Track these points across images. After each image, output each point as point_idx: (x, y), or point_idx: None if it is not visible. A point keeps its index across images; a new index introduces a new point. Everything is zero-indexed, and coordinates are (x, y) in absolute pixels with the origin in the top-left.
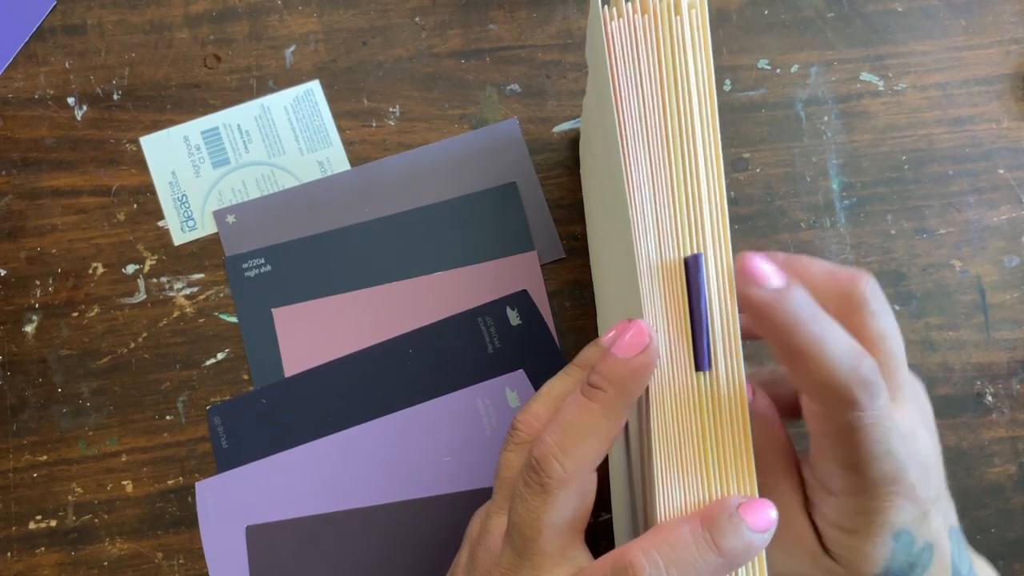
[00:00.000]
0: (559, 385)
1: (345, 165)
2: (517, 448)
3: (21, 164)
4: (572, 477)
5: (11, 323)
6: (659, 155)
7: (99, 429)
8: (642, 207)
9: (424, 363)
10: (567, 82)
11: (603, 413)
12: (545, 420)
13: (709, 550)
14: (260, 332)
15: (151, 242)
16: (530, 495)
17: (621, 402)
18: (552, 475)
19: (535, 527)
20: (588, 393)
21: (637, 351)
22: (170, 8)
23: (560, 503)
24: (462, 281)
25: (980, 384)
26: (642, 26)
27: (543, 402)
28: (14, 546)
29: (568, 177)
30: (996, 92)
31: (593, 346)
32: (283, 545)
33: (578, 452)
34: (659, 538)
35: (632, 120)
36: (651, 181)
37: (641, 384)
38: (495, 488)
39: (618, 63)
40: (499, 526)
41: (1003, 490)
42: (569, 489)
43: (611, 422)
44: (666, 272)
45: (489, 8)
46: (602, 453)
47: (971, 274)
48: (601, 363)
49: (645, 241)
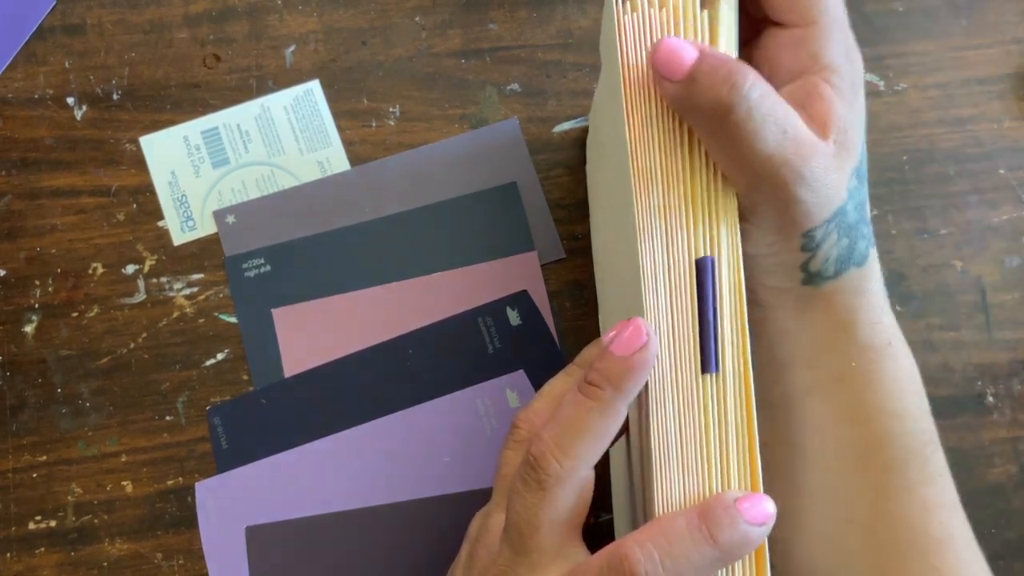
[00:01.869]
0: (560, 384)
1: (345, 165)
2: (517, 446)
3: (20, 164)
4: (570, 474)
5: (11, 323)
6: (670, 156)
7: (99, 429)
8: (650, 207)
9: (424, 363)
10: (567, 82)
11: (600, 411)
12: (545, 418)
13: (705, 543)
14: (260, 332)
15: (151, 242)
16: (528, 492)
17: (619, 400)
18: (550, 472)
19: (532, 524)
20: (586, 391)
21: (634, 349)
22: (170, 8)
23: (558, 500)
24: (462, 281)
25: (981, 385)
26: (660, 21)
27: (544, 401)
28: (14, 547)
29: (568, 177)
30: (997, 92)
31: (594, 346)
32: (283, 545)
33: (576, 449)
34: (655, 531)
35: (643, 118)
36: (662, 182)
37: (638, 382)
38: (495, 486)
39: (630, 58)
40: (497, 524)
41: (1004, 490)
42: (566, 486)
43: (609, 420)
44: (674, 273)
45: (489, 8)
46: (600, 451)
47: (972, 274)
48: (599, 361)
49: (652, 242)
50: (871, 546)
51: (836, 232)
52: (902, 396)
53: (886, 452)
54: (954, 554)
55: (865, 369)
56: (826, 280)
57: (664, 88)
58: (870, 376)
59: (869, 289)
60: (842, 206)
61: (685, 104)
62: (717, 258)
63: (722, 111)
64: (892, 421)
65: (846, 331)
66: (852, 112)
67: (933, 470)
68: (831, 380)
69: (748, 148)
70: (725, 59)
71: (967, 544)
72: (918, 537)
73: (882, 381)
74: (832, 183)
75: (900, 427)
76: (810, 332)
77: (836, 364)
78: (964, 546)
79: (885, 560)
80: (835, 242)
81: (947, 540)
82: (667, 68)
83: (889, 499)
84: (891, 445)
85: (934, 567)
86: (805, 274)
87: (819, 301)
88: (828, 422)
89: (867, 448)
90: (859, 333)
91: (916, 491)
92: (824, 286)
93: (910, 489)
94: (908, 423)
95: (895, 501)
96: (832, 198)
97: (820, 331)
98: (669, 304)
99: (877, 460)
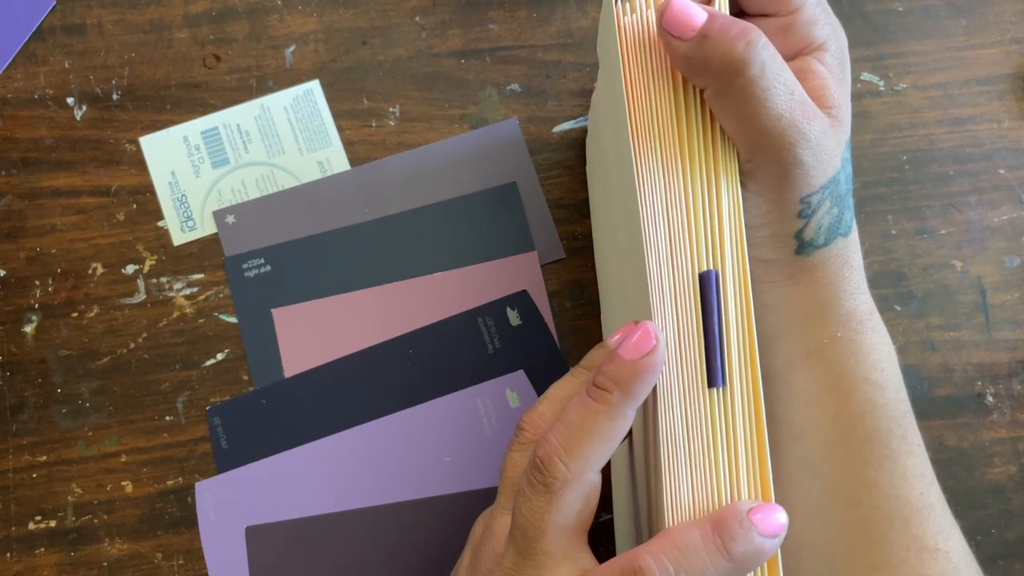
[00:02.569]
0: (565, 387)
1: (345, 165)
2: (522, 448)
3: (21, 164)
4: (576, 477)
5: (11, 323)
6: (673, 162)
7: (99, 429)
8: (654, 218)
9: (424, 363)
10: (567, 82)
11: (608, 414)
12: (551, 421)
13: (719, 555)
14: (260, 332)
15: (151, 242)
16: (534, 495)
17: (626, 403)
18: (556, 475)
19: (538, 527)
20: (593, 394)
21: (643, 352)
22: (170, 8)
23: (564, 503)
24: (462, 281)
25: (981, 384)
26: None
27: (549, 403)
28: (13, 547)
29: (568, 177)
30: (997, 92)
31: (600, 348)
32: (283, 545)
33: (583, 453)
34: (668, 542)
35: (645, 122)
36: (664, 190)
37: (647, 386)
38: (500, 488)
39: (631, 60)
40: (502, 526)
41: (1003, 490)
42: (573, 489)
43: (616, 423)
44: (678, 285)
45: (489, 8)
46: (607, 454)
47: (972, 274)
48: (607, 364)
49: (656, 252)
50: (855, 518)
51: (829, 200)
52: (884, 366)
53: (869, 422)
54: (934, 523)
55: (849, 340)
56: (816, 249)
57: (673, 48)
58: (854, 347)
59: (852, 259)
60: (836, 175)
61: (695, 63)
62: (721, 270)
63: (734, 68)
64: (875, 391)
65: (831, 302)
66: (842, 87)
67: (912, 440)
68: (815, 352)
69: (759, 107)
70: (735, 19)
71: (944, 513)
72: (901, 506)
73: (866, 352)
74: (830, 150)
75: (882, 397)
76: (795, 304)
77: (820, 336)
78: (942, 515)
79: (869, 531)
80: (827, 210)
81: (927, 509)
82: (677, 26)
83: (872, 468)
84: (874, 415)
85: (915, 536)
86: (798, 242)
87: (806, 272)
88: (812, 395)
89: (851, 419)
90: (844, 303)
91: (898, 461)
92: (813, 255)
93: (893, 459)
94: (889, 393)
95: (879, 470)
96: (828, 165)
97: (805, 303)
98: (675, 316)
99: (861, 430)
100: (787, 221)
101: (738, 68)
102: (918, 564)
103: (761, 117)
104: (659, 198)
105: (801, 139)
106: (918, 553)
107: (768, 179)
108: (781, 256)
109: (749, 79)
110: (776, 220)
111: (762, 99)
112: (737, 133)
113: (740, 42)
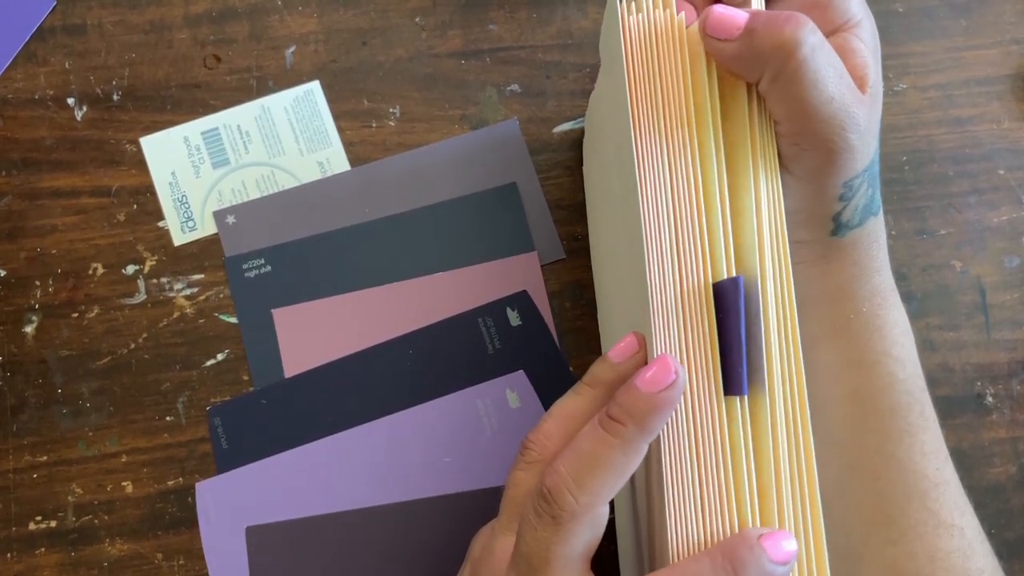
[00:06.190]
0: (569, 404)
1: (345, 165)
2: (528, 468)
3: (21, 164)
4: (585, 511)
5: (11, 323)
6: (681, 163)
7: (99, 430)
8: (658, 222)
9: (424, 364)
10: (567, 82)
11: (621, 448)
12: (557, 440)
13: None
14: (260, 333)
15: (151, 242)
16: (540, 525)
17: (641, 438)
18: (564, 507)
19: (544, 558)
20: (607, 426)
21: (661, 387)
22: (170, 8)
23: (571, 536)
24: (462, 281)
25: (980, 385)
26: (664, 21)
27: (554, 422)
28: (14, 547)
29: (568, 177)
30: (996, 93)
31: (601, 362)
32: (283, 546)
33: (593, 486)
34: (679, 575)
35: (649, 125)
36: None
37: (663, 420)
38: (502, 506)
39: (635, 60)
40: (504, 547)
41: (1003, 490)
42: (581, 522)
43: (629, 457)
44: (686, 293)
45: (489, 8)
46: (617, 487)
47: (971, 275)
48: (623, 395)
49: (660, 263)
50: (874, 492)
51: (866, 182)
52: (904, 341)
53: (890, 396)
54: (950, 499)
55: (873, 314)
56: (850, 230)
57: (719, 51)
58: (878, 321)
59: (880, 238)
60: (874, 156)
61: (746, 57)
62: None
63: (787, 51)
64: (896, 366)
65: (859, 279)
66: (877, 64)
67: (929, 416)
68: (840, 327)
69: (811, 88)
70: (777, 11)
71: (959, 491)
72: (919, 480)
73: (889, 326)
74: (872, 132)
75: (903, 372)
76: (824, 281)
77: (845, 311)
78: (957, 492)
79: (886, 505)
80: (864, 191)
81: (943, 485)
82: (722, 30)
83: (892, 442)
84: (895, 389)
85: (932, 511)
86: (835, 224)
87: (839, 251)
88: (835, 369)
89: (873, 392)
90: (872, 279)
91: (917, 436)
92: (847, 235)
93: (912, 433)
94: (909, 368)
95: (897, 444)
96: (870, 146)
97: (836, 280)
98: (682, 328)
99: (882, 404)
100: (827, 204)
101: (790, 51)
102: (935, 539)
103: (813, 99)
104: (664, 202)
105: (851, 122)
106: (935, 528)
107: (813, 164)
108: (816, 237)
109: (801, 60)
110: (816, 204)
111: (814, 80)
112: (788, 118)
113: (788, 26)
